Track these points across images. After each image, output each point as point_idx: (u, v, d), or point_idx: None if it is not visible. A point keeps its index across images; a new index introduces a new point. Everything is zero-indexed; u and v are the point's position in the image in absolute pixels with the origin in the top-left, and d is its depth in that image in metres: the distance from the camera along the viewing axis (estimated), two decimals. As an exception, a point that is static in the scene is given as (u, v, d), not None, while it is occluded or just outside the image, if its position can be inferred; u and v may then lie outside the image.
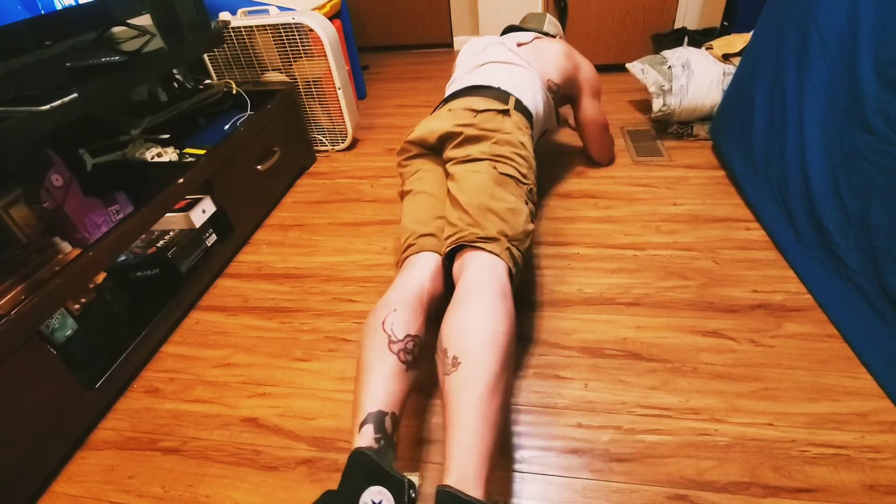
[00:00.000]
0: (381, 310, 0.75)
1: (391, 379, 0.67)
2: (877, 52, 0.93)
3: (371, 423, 0.62)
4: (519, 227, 0.85)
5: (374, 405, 0.64)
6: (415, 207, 0.96)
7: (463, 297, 0.71)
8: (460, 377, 0.62)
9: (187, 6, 1.29)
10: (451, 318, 0.69)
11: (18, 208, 1.02)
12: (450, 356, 0.64)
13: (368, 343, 0.72)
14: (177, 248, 1.16)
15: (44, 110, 0.85)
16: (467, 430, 0.58)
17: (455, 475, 0.56)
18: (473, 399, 0.60)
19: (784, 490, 0.72)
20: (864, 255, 0.92)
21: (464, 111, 1.02)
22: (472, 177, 0.90)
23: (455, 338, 0.66)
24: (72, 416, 0.88)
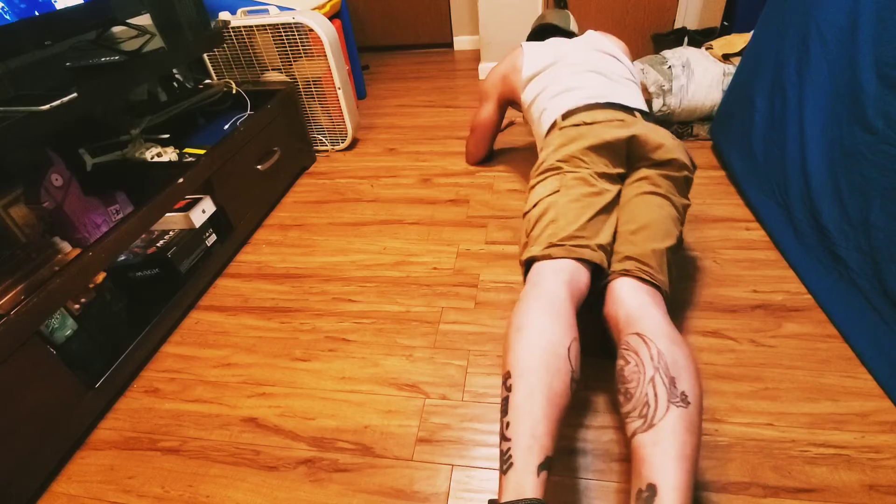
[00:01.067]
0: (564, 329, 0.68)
1: (562, 421, 0.62)
2: (877, 52, 0.93)
3: (548, 469, 0.57)
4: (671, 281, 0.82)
5: (552, 448, 0.59)
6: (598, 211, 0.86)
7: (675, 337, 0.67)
8: (691, 420, 0.59)
9: (187, 6, 1.29)
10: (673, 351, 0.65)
11: (18, 208, 1.02)
12: (679, 389, 0.61)
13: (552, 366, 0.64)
14: (177, 247, 1.16)
15: (43, 110, 0.85)
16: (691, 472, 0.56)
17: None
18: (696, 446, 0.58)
19: (784, 490, 0.72)
20: (865, 255, 0.92)
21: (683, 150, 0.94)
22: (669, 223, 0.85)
23: (683, 376, 0.62)
24: (71, 415, 0.88)
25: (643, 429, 0.59)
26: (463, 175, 1.64)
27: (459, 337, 1.03)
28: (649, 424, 0.59)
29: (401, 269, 1.25)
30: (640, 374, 0.64)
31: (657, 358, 0.64)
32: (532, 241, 0.86)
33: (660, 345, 0.65)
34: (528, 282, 0.80)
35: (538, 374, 0.63)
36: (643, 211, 0.86)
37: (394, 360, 1.00)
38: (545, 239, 0.83)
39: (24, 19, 0.97)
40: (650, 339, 0.67)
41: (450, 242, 1.32)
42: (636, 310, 0.74)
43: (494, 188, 1.55)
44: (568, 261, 0.79)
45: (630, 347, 0.68)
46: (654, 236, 0.82)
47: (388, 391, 0.94)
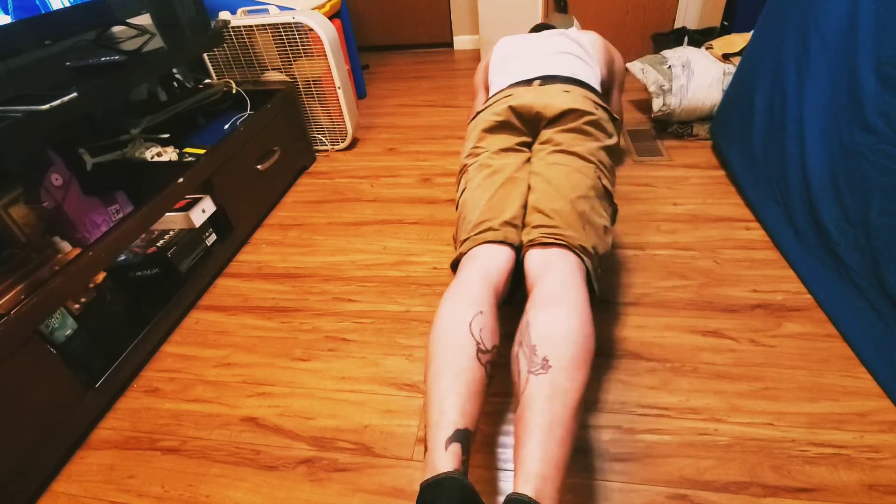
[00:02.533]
0: (466, 307, 0.68)
1: (477, 393, 0.61)
2: (877, 52, 0.93)
3: (460, 442, 0.56)
4: (606, 248, 0.81)
5: (462, 421, 0.58)
6: (497, 189, 0.85)
7: (557, 299, 0.66)
8: (553, 384, 0.58)
9: (187, 6, 1.29)
10: (543, 316, 0.64)
11: (18, 208, 1.02)
12: (539, 355, 0.60)
13: (453, 343, 0.65)
14: (177, 247, 1.16)
15: (43, 110, 0.85)
16: (553, 441, 0.54)
17: (535, 485, 0.51)
18: (564, 410, 0.56)
19: (784, 490, 0.72)
20: (864, 254, 0.92)
21: (584, 98, 0.92)
22: (576, 177, 0.83)
23: (550, 339, 0.61)
24: (71, 415, 0.88)
25: (514, 407, 0.59)
26: (463, 175, 1.64)
27: (459, 337, 1.03)
28: (517, 402, 0.59)
29: (401, 268, 1.25)
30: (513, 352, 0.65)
31: (523, 329, 0.64)
32: (456, 245, 0.87)
33: (530, 314, 0.65)
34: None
35: (441, 356, 0.64)
36: (544, 175, 0.85)
37: (394, 359, 1.00)
38: (460, 238, 0.85)
39: (24, 19, 0.97)
40: (526, 310, 0.67)
41: (450, 242, 1.32)
42: (533, 281, 0.73)
43: (494, 188, 1.55)
44: (475, 248, 0.80)
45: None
46: (556, 194, 0.81)
47: (388, 391, 0.94)
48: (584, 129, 0.89)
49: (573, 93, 0.93)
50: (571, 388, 0.58)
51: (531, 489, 0.51)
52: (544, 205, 0.81)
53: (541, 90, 0.95)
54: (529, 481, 0.52)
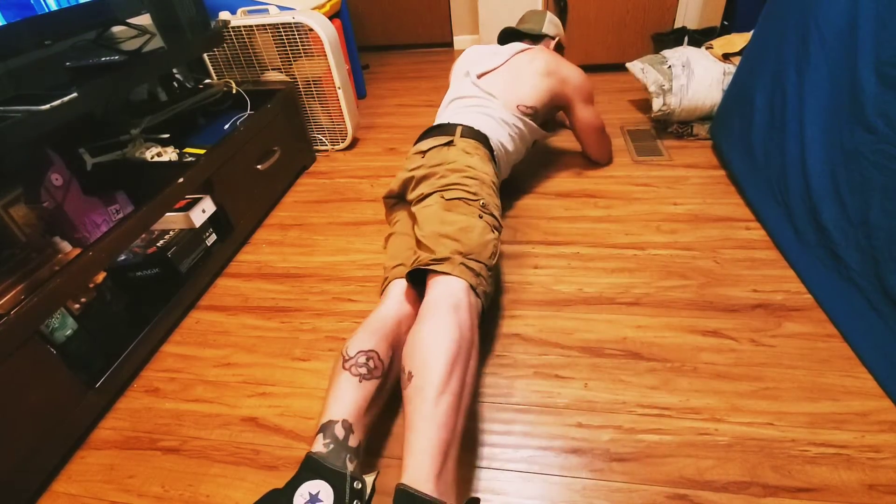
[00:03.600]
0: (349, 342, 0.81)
1: (342, 391, 0.73)
2: (877, 52, 0.93)
3: (322, 432, 0.69)
4: (473, 241, 0.88)
5: (325, 417, 0.70)
6: (392, 247, 1.05)
7: (418, 319, 0.77)
8: (412, 388, 0.68)
9: (187, 5, 1.29)
10: (407, 339, 0.75)
11: (18, 208, 1.02)
12: (406, 372, 0.71)
13: (332, 369, 0.79)
14: (177, 247, 1.16)
15: (43, 110, 0.85)
16: (417, 432, 0.64)
17: (409, 474, 0.61)
18: (421, 404, 0.65)
19: (784, 490, 0.72)
20: (864, 254, 0.92)
21: (414, 156, 1.13)
22: (424, 212, 0.96)
23: (408, 355, 0.72)
24: (72, 415, 0.88)
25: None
26: (463, 175, 1.64)
27: (459, 336, 1.03)
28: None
29: (401, 268, 1.25)
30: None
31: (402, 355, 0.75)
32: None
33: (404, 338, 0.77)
34: None
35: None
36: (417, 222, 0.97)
37: (394, 359, 1.00)
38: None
39: (24, 19, 0.97)
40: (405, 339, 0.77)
41: (450, 242, 1.32)
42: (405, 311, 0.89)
43: (494, 188, 1.55)
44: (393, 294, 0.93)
45: None
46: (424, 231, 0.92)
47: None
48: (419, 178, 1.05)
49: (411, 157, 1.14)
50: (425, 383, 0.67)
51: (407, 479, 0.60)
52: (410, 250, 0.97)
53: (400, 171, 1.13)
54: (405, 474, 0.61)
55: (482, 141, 1.15)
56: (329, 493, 0.62)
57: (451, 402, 0.66)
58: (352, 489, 0.63)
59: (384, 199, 1.17)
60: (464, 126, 1.16)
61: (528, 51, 1.39)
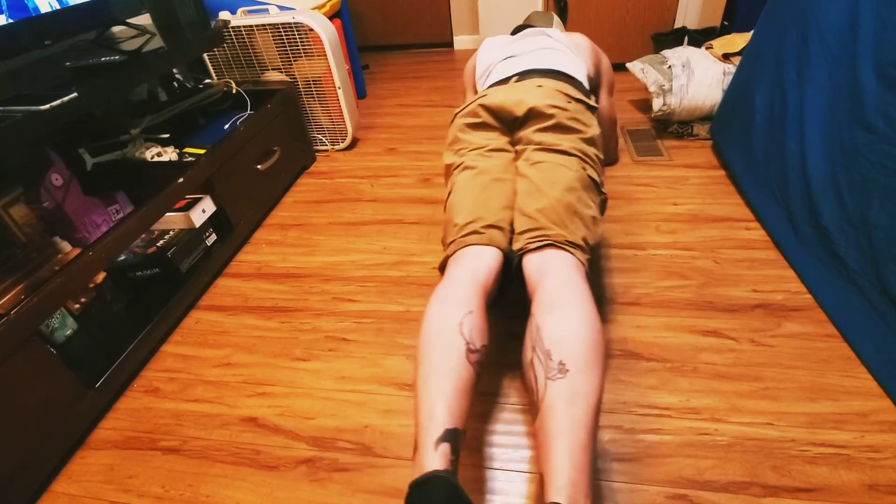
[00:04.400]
0: (455, 307, 0.68)
1: (466, 393, 0.62)
2: (877, 52, 0.93)
3: (449, 441, 0.56)
4: (596, 239, 0.80)
5: (451, 420, 0.58)
6: (481, 190, 0.85)
7: (562, 301, 0.66)
8: (570, 388, 0.57)
9: (187, 5, 1.29)
10: (552, 319, 0.64)
11: (18, 208, 1.02)
12: (555, 360, 0.59)
13: (442, 343, 0.64)
14: (177, 247, 1.16)
15: (43, 110, 0.85)
16: (578, 446, 0.54)
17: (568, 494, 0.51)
18: (583, 414, 0.56)
19: (784, 489, 0.72)
20: (864, 254, 0.92)
21: (556, 92, 0.90)
22: (559, 171, 0.82)
23: (563, 342, 0.61)
24: (72, 415, 0.88)
25: (534, 414, 0.59)
26: (463, 175, 1.64)
27: (459, 336, 1.03)
28: (536, 408, 0.59)
29: (401, 268, 1.25)
30: (526, 359, 0.64)
31: (534, 334, 0.64)
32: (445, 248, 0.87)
33: (539, 318, 0.65)
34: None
35: (430, 358, 0.64)
36: (527, 176, 0.84)
37: (394, 359, 1.00)
38: (447, 241, 0.85)
39: (23, 19, 0.97)
40: (533, 315, 0.66)
41: (450, 242, 1.32)
42: (534, 286, 0.73)
43: (494, 188, 1.55)
44: (461, 250, 0.79)
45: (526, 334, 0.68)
46: (539, 193, 0.80)
47: (389, 391, 0.94)
48: (561, 124, 0.88)
49: (545, 87, 0.91)
50: (590, 389, 0.58)
51: (565, 498, 0.51)
52: (529, 207, 0.80)
53: (513, 87, 0.94)
54: (562, 491, 0.51)
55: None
56: None
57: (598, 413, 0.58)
58: None
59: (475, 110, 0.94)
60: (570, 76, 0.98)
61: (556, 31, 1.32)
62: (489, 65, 1.15)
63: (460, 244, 0.80)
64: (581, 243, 0.76)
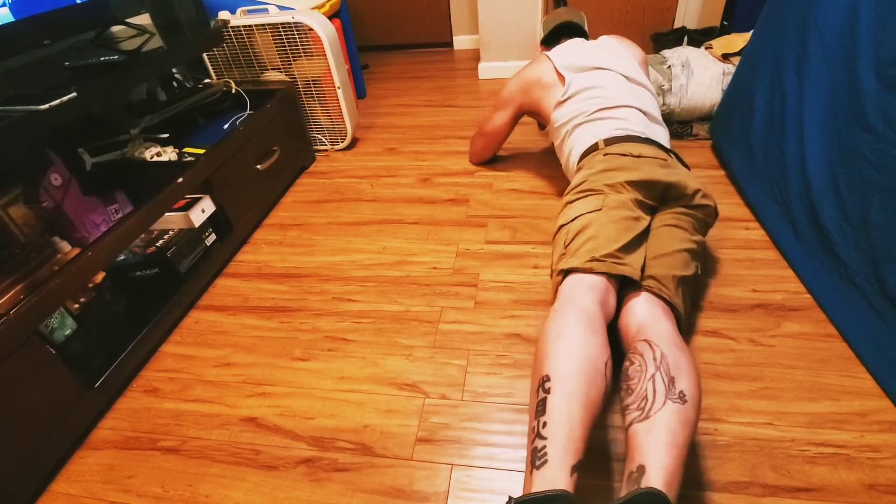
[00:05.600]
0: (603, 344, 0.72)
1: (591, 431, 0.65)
2: (877, 53, 0.93)
3: (579, 471, 0.61)
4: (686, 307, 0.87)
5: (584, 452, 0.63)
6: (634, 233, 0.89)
7: (681, 345, 0.72)
8: (687, 416, 0.63)
9: (186, 5, 1.29)
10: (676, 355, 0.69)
11: (17, 207, 1.01)
12: (677, 388, 0.65)
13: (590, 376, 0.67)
14: (176, 247, 1.16)
15: (43, 109, 0.85)
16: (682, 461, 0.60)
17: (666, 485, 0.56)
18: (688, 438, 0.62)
19: (783, 489, 0.72)
20: (864, 254, 0.92)
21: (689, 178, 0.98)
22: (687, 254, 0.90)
23: (684, 377, 0.66)
24: (71, 415, 0.88)
25: (640, 419, 0.64)
26: (462, 174, 1.64)
27: (459, 336, 1.03)
28: (646, 416, 0.63)
29: (400, 268, 1.25)
30: (643, 372, 0.68)
31: (660, 359, 0.69)
32: (570, 253, 0.88)
33: (664, 348, 0.70)
34: (560, 294, 0.83)
35: (577, 382, 0.66)
36: (667, 241, 0.90)
37: (393, 359, 1.00)
38: (586, 252, 0.86)
39: (23, 18, 0.96)
40: (656, 343, 0.71)
41: (449, 242, 1.32)
42: (648, 321, 0.79)
43: (494, 188, 1.55)
44: (602, 279, 0.83)
45: (636, 351, 0.72)
46: (675, 264, 0.87)
47: (388, 391, 0.94)
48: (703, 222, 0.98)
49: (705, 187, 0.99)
50: (695, 423, 0.65)
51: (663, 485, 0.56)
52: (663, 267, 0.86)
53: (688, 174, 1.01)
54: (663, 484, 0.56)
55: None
56: None
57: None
58: None
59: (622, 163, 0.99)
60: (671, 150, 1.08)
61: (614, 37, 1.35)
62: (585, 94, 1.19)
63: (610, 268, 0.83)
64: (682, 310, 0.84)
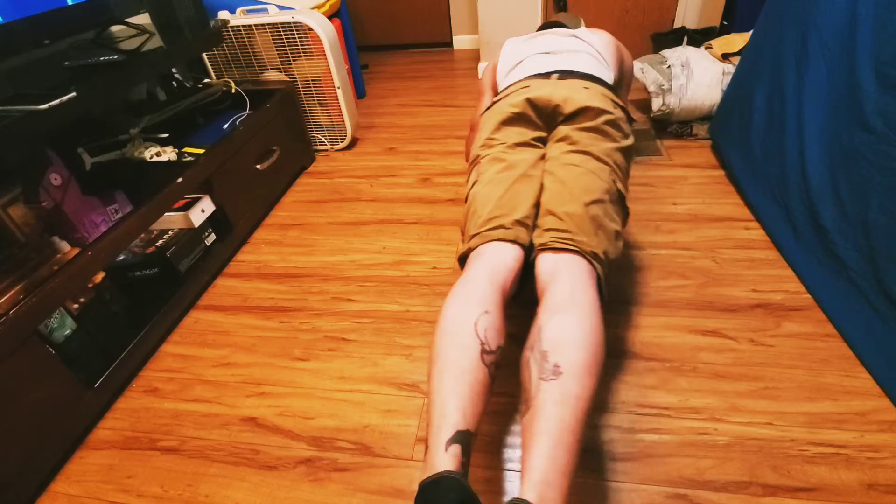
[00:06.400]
0: (472, 306, 0.67)
1: (480, 395, 0.61)
2: (876, 53, 0.93)
3: (460, 443, 0.56)
4: (617, 254, 0.79)
5: (462, 422, 0.58)
6: (510, 185, 0.83)
7: (568, 305, 0.66)
8: (563, 391, 0.57)
9: (186, 5, 1.29)
10: (555, 322, 0.64)
11: (17, 207, 1.01)
12: (550, 362, 0.60)
13: (456, 343, 0.64)
14: (176, 247, 1.16)
15: (42, 109, 0.85)
16: (561, 447, 0.54)
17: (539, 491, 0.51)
18: (571, 418, 0.56)
19: (783, 489, 0.72)
20: (863, 254, 0.92)
21: (603, 96, 0.89)
22: (591, 178, 0.81)
23: (561, 345, 0.61)
24: (71, 415, 0.88)
25: (524, 413, 0.59)
26: (462, 174, 1.64)
27: (459, 336, 1.03)
28: (527, 408, 0.59)
29: (400, 268, 1.25)
30: (524, 357, 0.64)
31: (534, 334, 0.64)
32: (464, 238, 0.85)
33: (541, 320, 0.65)
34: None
35: (444, 356, 0.63)
36: (558, 175, 0.83)
37: (393, 359, 1.00)
38: (469, 232, 0.83)
39: (23, 18, 0.96)
40: (538, 314, 0.66)
41: (449, 242, 1.32)
42: (544, 286, 0.72)
43: (494, 188, 1.55)
44: (484, 245, 0.78)
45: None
46: (569, 196, 0.79)
47: (388, 391, 0.94)
48: (602, 128, 0.86)
49: (592, 90, 0.90)
50: (582, 395, 0.58)
51: (535, 495, 0.51)
52: (557, 207, 0.79)
53: (560, 83, 0.92)
54: (534, 487, 0.51)
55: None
56: None
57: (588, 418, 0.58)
58: None
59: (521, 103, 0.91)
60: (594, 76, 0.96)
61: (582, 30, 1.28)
62: (521, 57, 1.10)
63: (485, 238, 0.79)
64: (602, 256, 0.76)
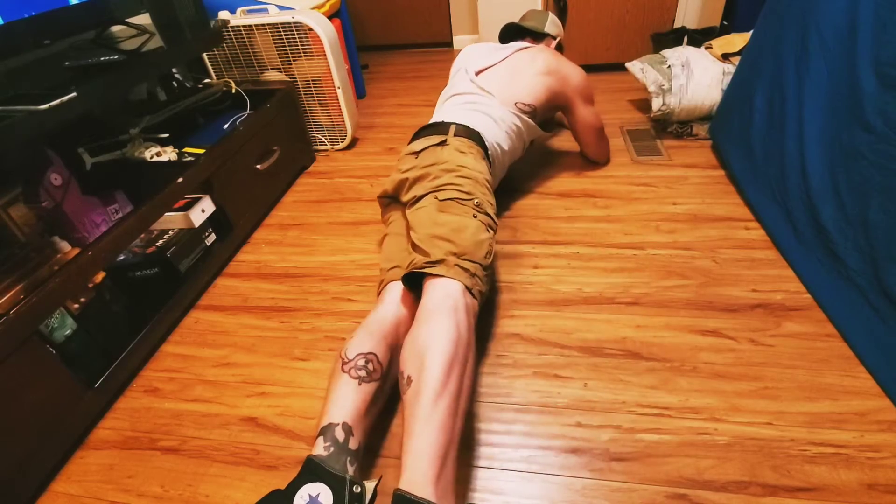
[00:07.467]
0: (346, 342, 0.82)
1: (342, 394, 0.74)
2: (876, 52, 0.93)
3: (322, 434, 0.70)
4: (467, 241, 0.88)
5: (325, 420, 0.71)
6: (387, 248, 1.04)
7: (415, 322, 0.77)
8: (411, 392, 0.68)
9: (186, 5, 1.28)
10: (405, 342, 0.75)
11: (17, 207, 1.01)
12: (404, 376, 0.71)
13: (331, 371, 0.80)
14: (176, 247, 1.16)
15: (42, 109, 0.85)
16: (415, 436, 0.64)
17: (407, 478, 0.61)
18: (419, 408, 0.65)
19: (783, 489, 0.72)
20: (863, 254, 0.92)
21: (408, 157, 1.13)
22: (418, 214, 0.96)
23: (406, 359, 0.72)
24: (71, 415, 0.88)
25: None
26: (462, 174, 1.64)
27: (459, 336, 1.03)
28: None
29: (400, 268, 1.25)
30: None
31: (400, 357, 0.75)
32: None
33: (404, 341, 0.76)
34: None
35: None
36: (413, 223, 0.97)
37: (393, 359, 1.00)
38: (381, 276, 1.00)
39: (23, 18, 0.96)
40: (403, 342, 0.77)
41: (449, 242, 1.32)
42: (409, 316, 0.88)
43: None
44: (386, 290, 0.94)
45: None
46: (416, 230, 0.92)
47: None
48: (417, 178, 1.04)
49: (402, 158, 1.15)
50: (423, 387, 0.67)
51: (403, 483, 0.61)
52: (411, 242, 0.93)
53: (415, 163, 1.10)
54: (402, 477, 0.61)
55: (476, 139, 1.14)
56: (329, 496, 0.62)
57: (449, 404, 0.66)
58: (351, 493, 0.64)
59: (379, 199, 1.19)
60: (457, 124, 1.15)
61: (530, 49, 1.39)
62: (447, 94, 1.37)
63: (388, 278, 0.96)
64: (443, 257, 0.84)
